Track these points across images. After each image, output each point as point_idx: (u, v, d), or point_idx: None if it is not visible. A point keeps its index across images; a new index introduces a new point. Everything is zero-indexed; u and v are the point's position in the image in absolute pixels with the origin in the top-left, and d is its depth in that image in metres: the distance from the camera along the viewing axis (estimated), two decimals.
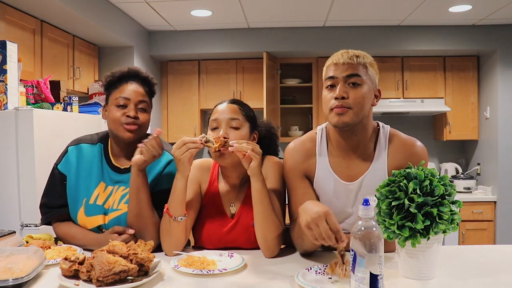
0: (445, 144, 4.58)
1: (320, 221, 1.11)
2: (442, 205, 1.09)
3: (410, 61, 4.29)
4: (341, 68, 1.32)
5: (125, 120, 1.46)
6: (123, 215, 1.48)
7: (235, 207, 1.50)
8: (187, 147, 1.31)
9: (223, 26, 4.10)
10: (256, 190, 1.35)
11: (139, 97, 1.49)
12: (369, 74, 1.34)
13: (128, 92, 1.49)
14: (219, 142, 1.35)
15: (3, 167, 2.22)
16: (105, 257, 1.10)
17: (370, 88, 1.35)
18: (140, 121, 1.48)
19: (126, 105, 1.48)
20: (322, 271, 1.19)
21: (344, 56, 1.33)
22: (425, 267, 1.13)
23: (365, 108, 1.33)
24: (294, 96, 4.57)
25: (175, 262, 1.27)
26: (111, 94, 1.51)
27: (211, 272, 1.20)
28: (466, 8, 3.52)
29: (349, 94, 1.31)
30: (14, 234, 1.42)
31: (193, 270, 1.21)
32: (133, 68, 1.56)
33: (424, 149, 1.40)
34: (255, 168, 1.32)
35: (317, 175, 1.43)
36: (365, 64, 1.33)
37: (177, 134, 4.43)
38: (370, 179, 1.38)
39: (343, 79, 1.32)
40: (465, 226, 4.01)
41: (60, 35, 3.15)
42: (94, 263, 1.09)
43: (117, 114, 1.47)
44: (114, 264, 1.08)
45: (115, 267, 1.07)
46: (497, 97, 3.99)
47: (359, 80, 1.32)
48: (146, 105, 1.51)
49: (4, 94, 2.26)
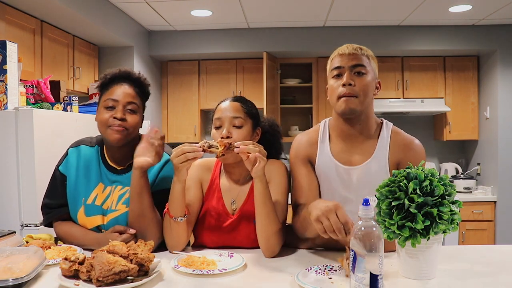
0: (445, 144, 4.58)
1: (331, 213, 1.13)
2: (442, 205, 1.09)
3: (410, 61, 4.29)
4: (346, 58, 1.42)
5: (112, 122, 1.44)
6: (121, 216, 1.48)
7: (236, 204, 1.51)
8: (185, 157, 1.29)
9: (223, 26, 4.10)
10: (259, 192, 1.35)
11: (127, 99, 1.47)
12: (371, 65, 1.45)
13: (117, 93, 1.47)
14: (223, 146, 1.34)
15: (3, 167, 2.22)
16: (105, 257, 1.09)
17: (373, 78, 1.44)
18: (128, 123, 1.46)
19: (114, 106, 1.46)
20: (322, 271, 1.19)
21: (349, 48, 1.43)
22: (425, 267, 1.13)
23: (369, 96, 1.43)
24: (294, 96, 4.57)
25: (175, 262, 1.27)
26: (102, 97, 1.51)
27: (211, 272, 1.20)
28: (466, 8, 3.52)
29: (355, 82, 1.39)
30: (14, 234, 1.42)
31: (193, 270, 1.21)
32: (125, 69, 1.54)
33: (422, 146, 1.48)
34: (260, 170, 1.32)
35: (318, 161, 1.50)
36: (368, 55, 1.44)
37: (177, 134, 4.43)
38: (372, 167, 1.43)
39: (349, 68, 1.41)
40: (465, 226, 4.01)
41: (60, 35, 3.15)
42: (94, 263, 1.08)
43: (105, 116, 1.46)
44: (114, 264, 1.07)
45: (115, 267, 1.07)
46: (497, 97, 3.99)
47: (363, 69, 1.41)
48: (135, 106, 1.49)
49: (4, 94, 2.26)
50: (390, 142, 1.46)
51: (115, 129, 1.44)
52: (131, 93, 1.49)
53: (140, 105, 1.52)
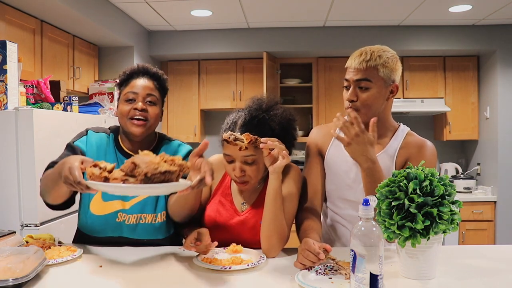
0: (445, 144, 4.58)
1: (308, 257, 1.20)
2: (442, 205, 1.09)
3: (410, 61, 4.29)
4: (352, 72, 1.45)
5: (133, 114, 1.48)
6: (148, 198, 1.50)
7: (246, 205, 1.52)
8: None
9: (223, 26, 4.10)
10: (273, 188, 1.36)
11: (147, 91, 1.51)
12: (380, 75, 1.44)
13: (137, 86, 1.52)
14: (249, 139, 1.33)
15: (3, 167, 2.21)
16: (146, 157, 1.06)
17: (381, 88, 1.45)
18: (149, 114, 1.50)
19: (134, 99, 1.50)
20: (322, 271, 1.19)
21: (356, 61, 1.44)
22: (425, 267, 1.13)
23: (374, 107, 1.45)
24: (294, 96, 4.57)
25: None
26: (122, 92, 1.55)
27: (215, 268, 1.22)
28: (466, 8, 3.52)
29: (358, 97, 1.44)
30: (14, 234, 1.42)
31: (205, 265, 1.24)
32: (142, 64, 1.59)
33: (434, 148, 1.51)
34: (279, 168, 1.33)
35: (329, 151, 1.58)
36: (376, 66, 1.43)
37: (177, 134, 4.43)
38: (380, 162, 1.43)
39: (354, 82, 1.45)
40: (465, 226, 4.01)
41: (60, 35, 3.15)
42: (137, 161, 1.04)
43: (125, 108, 1.50)
44: (158, 164, 1.04)
45: (160, 167, 1.04)
46: (497, 97, 3.99)
47: (368, 84, 1.43)
48: (154, 98, 1.53)
49: (4, 94, 2.26)
50: (402, 143, 1.51)
51: (136, 122, 1.48)
52: (150, 85, 1.53)
53: (159, 98, 1.56)
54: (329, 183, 1.59)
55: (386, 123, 1.54)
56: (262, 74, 4.00)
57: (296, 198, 1.50)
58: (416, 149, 1.49)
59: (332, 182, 1.58)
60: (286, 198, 1.45)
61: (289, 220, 1.46)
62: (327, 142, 1.59)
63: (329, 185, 1.59)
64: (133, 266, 1.31)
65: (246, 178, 1.43)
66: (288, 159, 1.33)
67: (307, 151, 1.64)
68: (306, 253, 1.21)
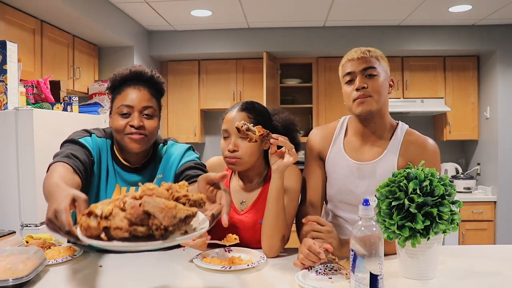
0: (445, 144, 4.58)
1: (305, 253, 1.21)
2: (442, 205, 1.09)
3: (410, 61, 4.29)
4: (356, 63, 1.44)
5: (129, 130, 1.37)
6: None
7: (245, 204, 1.52)
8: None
9: (223, 26, 4.09)
10: (275, 187, 1.36)
11: (142, 103, 1.38)
12: (382, 65, 1.47)
13: (131, 98, 1.38)
14: (260, 133, 1.32)
15: (3, 167, 2.21)
16: (159, 201, 0.83)
17: (385, 78, 1.47)
18: (147, 130, 1.38)
19: (129, 113, 1.37)
20: (322, 271, 1.19)
21: (358, 52, 1.46)
22: (425, 267, 1.13)
23: (383, 95, 1.45)
24: (294, 96, 4.57)
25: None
26: (114, 101, 1.42)
27: (215, 268, 1.22)
28: (466, 8, 3.52)
29: (368, 84, 1.42)
30: (14, 234, 1.42)
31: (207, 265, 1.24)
32: (135, 69, 1.43)
33: (436, 146, 1.49)
34: (283, 166, 1.33)
35: (329, 154, 1.56)
36: (377, 57, 1.46)
37: (177, 134, 4.43)
38: (380, 165, 1.45)
39: (360, 72, 1.43)
40: (465, 226, 4.01)
41: (60, 35, 3.14)
42: (151, 210, 0.81)
43: (120, 123, 1.37)
44: (175, 209, 0.83)
45: (177, 212, 0.83)
46: (497, 97, 3.99)
47: (374, 71, 1.43)
48: (152, 110, 1.40)
49: (4, 94, 2.26)
50: (403, 142, 1.48)
51: (134, 137, 1.37)
52: (146, 96, 1.40)
53: (157, 107, 1.44)
54: (330, 187, 1.57)
55: (385, 120, 1.51)
56: (262, 74, 4.00)
57: (296, 198, 1.51)
58: (418, 151, 1.46)
59: (333, 186, 1.55)
60: (286, 198, 1.45)
61: (289, 220, 1.46)
62: (327, 145, 1.58)
63: (330, 189, 1.57)
64: (133, 266, 1.31)
65: (239, 154, 1.41)
66: (296, 157, 1.33)
67: (307, 153, 1.63)
68: (307, 252, 1.21)
